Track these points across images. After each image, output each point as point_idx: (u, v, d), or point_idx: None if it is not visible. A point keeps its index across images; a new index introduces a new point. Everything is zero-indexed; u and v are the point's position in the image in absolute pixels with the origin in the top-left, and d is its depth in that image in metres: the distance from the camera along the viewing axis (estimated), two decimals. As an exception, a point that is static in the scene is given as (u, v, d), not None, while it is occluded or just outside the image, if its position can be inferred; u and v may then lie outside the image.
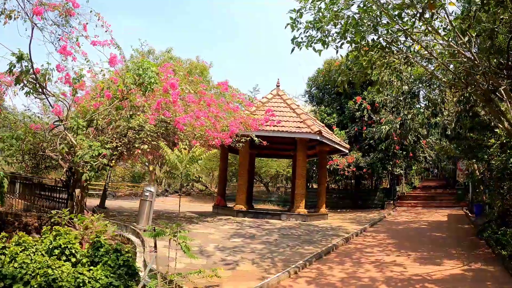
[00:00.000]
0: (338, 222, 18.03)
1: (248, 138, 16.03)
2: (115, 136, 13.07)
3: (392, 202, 25.98)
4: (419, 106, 17.52)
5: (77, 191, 13.05)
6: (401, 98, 15.48)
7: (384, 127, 15.74)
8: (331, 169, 25.32)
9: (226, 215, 18.45)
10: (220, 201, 20.27)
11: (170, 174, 9.19)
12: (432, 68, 11.77)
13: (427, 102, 15.50)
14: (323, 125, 20.70)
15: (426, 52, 9.53)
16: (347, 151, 20.66)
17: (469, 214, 19.83)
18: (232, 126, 14.01)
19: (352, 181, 30.89)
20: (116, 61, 11.05)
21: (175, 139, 13.77)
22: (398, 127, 14.89)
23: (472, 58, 8.94)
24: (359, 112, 25.66)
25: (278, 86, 20.86)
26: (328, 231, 14.68)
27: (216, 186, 36.77)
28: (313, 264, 9.91)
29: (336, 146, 18.76)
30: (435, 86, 15.42)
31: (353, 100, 25.96)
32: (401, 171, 28.62)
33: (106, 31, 10.83)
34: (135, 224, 13.19)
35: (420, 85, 15.77)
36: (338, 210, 26.53)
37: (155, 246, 7.87)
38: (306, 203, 25.06)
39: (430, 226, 16.74)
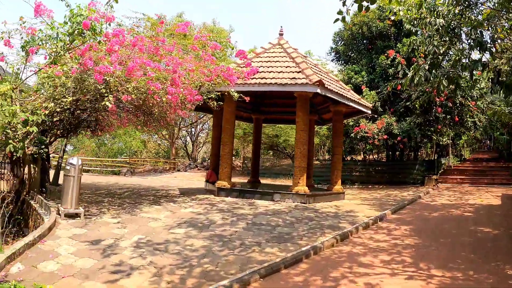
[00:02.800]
0: (354, 204, 13.07)
1: (218, 94, 11.67)
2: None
3: (434, 177, 20.41)
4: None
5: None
6: (436, 38, 10.09)
7: (409, 73, 10.44)
8: (358, 137, 20.08)
9: (209, 193, 14.08)
10: (211, 176, 15.79)
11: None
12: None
13: (470, 39, 10.06)
14: (338, 79, 15.48)
15: None
16: (369, 111, 15.37)
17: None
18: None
19: (390, 152, 25.36)
20: (43, 11, 8.43)
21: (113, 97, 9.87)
22: (426, 69, 9.55)
23: None
24: (393, 69, 20.12)
25: (281, 34, 15.87)
26: (327, 220, 9.82)
27: (242, 160, 32.43)
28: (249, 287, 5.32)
29: (351, 103, 13.62)
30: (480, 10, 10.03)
31: (385, 54, 20.42)
32: (449, 141, 22.87)
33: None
34: (59, 205, 9.37)
35: (460, 20, 10.34)
36: (370, 186, 21.38)
37: None
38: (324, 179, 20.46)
39: (477, 213, 11.38)
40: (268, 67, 13.36)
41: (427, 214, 11.21)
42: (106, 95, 9.19)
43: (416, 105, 15.88)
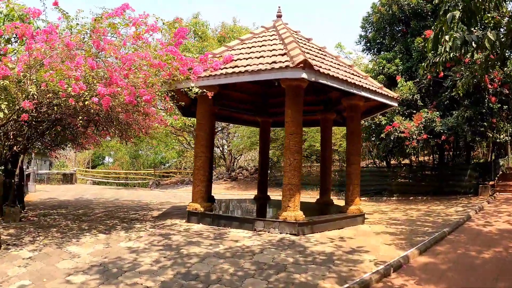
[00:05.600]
0: (371, 234, 9.07)
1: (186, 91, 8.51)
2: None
3: (490, 184, 15.66)
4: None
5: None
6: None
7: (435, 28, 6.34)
8: (392, 138, 15.75)
9: (180, 218, 10.57)
10: (200, 194, 12.29)
11: None
12: None
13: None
14: (351, 65, 11.28)
15: None
16: (395, 104, 11.05)
17: None
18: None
19: (437, 154, 20.61)
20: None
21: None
22: (458, 17, 5.47)
23: None
24: (432, 53, 15.63)
25: (279, 16, 12.16)
26: (306, 271, 5.97)
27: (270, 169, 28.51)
28: None
29: (364, 93, 9.58)
30: None
31: (422, 36, 15.99)
32: (507, 138, 17.89)
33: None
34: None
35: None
36: (411, 198, 17.02)
37: None
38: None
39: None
40: (248, 53, 9.72)
41: (475, 255, 6.95)
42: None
43: (459, 92, 11.40)
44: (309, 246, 7.56)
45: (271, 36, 10.73)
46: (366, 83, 10.00)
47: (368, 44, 20.31)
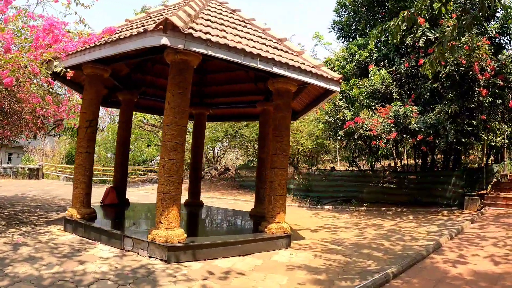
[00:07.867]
0: (280, 269, 6.07)
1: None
2: None
3: (479, 195, 12.50)
4: None
5: None
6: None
7: None
8: (357, 137, 12.70)
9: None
10: (110, 196, 9.59)
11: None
12: None
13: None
14: (282, 38, 8.13)
15: None
16: (336, 88, 7.80)
17: None
18: None
19: (419, 157, 17.40)
20: None
21: None
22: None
23: None
24: (411, 36, 12.62)
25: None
26: None
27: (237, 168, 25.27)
28: None
29: (275, 69, 6.55)
30: None
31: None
32: (503, 141, 14.74)
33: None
34: None
35: None
36: (383, 209, 13.96)
37: None
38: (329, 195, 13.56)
39: None
40: (138, 25, 6.89)
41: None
42: None
43: (427, 73, 8.16)
44: (164, 284, 4.64)
45: (180, 6, 7.85)
46: (292, 59, 6.99)
47: (342, 30, 17.12)
